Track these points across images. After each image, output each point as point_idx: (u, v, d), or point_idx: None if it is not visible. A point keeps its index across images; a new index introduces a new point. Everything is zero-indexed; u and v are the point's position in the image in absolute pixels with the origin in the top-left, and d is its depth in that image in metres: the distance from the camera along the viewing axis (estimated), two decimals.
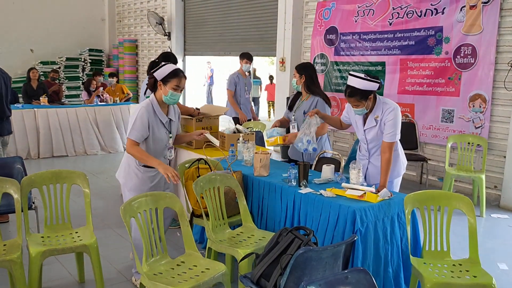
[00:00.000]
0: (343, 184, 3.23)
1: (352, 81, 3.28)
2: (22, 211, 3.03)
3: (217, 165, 3.76)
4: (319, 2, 7.47)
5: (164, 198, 2.88)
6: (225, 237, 3.17)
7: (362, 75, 3.27)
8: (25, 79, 8.86)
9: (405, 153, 3.68)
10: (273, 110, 12.81)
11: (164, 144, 3.28)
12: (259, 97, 14.03)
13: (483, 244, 4.39)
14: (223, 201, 3.34)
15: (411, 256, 2.87)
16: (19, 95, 8.83)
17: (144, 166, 3.21)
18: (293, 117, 4.24)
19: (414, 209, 2.99)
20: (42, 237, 3.12)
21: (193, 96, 12.85)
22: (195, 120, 4.60)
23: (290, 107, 4.37)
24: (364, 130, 3.46)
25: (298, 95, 4.35)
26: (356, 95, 3.27)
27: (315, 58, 7.61)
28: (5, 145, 4.95)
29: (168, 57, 4.44)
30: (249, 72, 6.76)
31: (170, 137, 3.32)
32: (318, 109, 3.68)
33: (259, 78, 14.20)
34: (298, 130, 3.88)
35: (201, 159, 3.75)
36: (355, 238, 2.38)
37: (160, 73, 3.14)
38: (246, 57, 6.46)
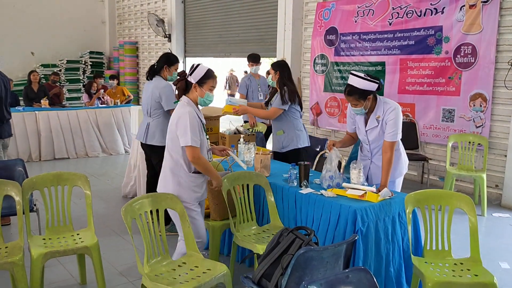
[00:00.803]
0: (344, 184, 3.23)
1: (352, 80, 3.30)
2: (23, 213, 3.03)
3: (218, 166, 3.77)
4: (319, 2, 7.48)
5: (165, 199, 2.89)
6: (251, 233, 3.25)
7: (363, 75, 3.28)
8: (26, 82, 8.87)
9: (406, 153, 3.68)
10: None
11: (206, 147, 3.14)
12: None
13: (485, 243, 4.38)
14: (251, 198, 3.39)
15: (412, 255, 2.87)
16: (20, 98, 8.83)
17: (195, 172, 3.04)
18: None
19: (415, 209, 2.99)
20: (44, 239, 3.12)
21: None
22: None
23: (267, 103, 4.62)
24: (366, 131, 3.46)
25: (275, 91, 4.51)
26: (355, 94, 3.28)
27: (315, 59, 7.61)
28: (5, 147, 4.95)
29: (169, 58, 4.43)
30: (266, 73, 6.79)
31: (208, 139, 3.23)
32: (334, 141, 3.62)
33: None
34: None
35: None
36: (356, 238, 2.38)
37: (196, 75, 3.02)
38: (251, 59, 6.42)
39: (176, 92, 3.16)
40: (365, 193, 3.05)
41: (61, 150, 7.66)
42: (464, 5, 5.67)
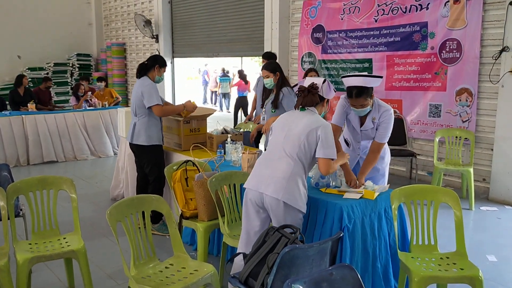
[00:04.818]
0: (342, 188, 3.19)
1: (355, 81, 3.21)
2: (8, 218, 3.00)
3: (204, 166, 3.77)
4: (305, 1, 7.49)
5: (151, 201, 2.87)
6: (240, 232, 3.19)
7: (364, 73, 3.29)
8: (12, 86, 8.78)
9: (394, 149, 3.74)
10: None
11: None
12: (229, 93, 16.15)
13: (473, 237, 4.43)
14: (239, 198, 3.38)
15: (398, 251, 2.89)
16: (6, 102, 8.74)
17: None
18: (263, 111, 4.64)
19: (401, 204, 3.01)
20: (30, 244, 3.10)
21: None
22: (182, 121, 4.59)
23: (262, 105, 4.76)
24: (361, 131, 3.48)
25: (269, 93, 4.65)
26: (363, 94, 3.19)
27: (302, 57, 7.62)
28: None
29: (156, 59, 4.44)
30: None
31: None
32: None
33: (228, 76, 16.12)
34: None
35: (188, 161, 3.75)
36: (341, 235, 2.39)
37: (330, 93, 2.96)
38: (266, 58, 6.23)
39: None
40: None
41: (49, 154, 7.60)
42: (448, 1, 5.71)
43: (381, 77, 3.33)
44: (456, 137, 5.51)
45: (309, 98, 2.88)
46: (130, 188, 5.15)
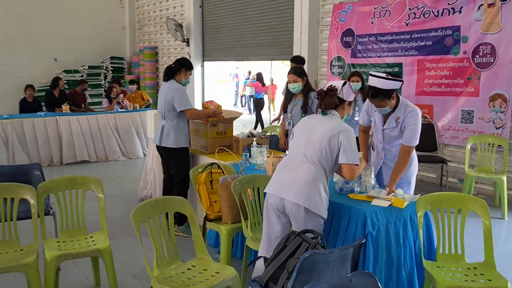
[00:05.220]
0: (370, 193, 3.15)
1: (374, 82, 3.25)
2: (38, 216, 3.10)
3: (229, 169, 3.79)
4: (335, 4, 7.44)
5: (175, 203, 2.91)
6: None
7: (384, 75, 3.26)
8: (48, 87, 9.07)
9: (424, 155, 3.66)
10: (273, 107, 14.55)
11: None
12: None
13: (504, 247, 4.28)
14: (262, 201, 3.38)
15: (424, 259, 2.83)
16: (42, 104, 9.03)
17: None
18: (289, 116, 4.57)
19: (428, 212, 2.94)
20: (58, 241, 3.19)
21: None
22: (209, 124, 4.64)
23: (285, 109, 4.69)
24: (383, 130, 3.43)
25: (291, 97, 4.64)
26: (379, 95, 3.23)
27: (332, 61, 7.57)
28: None
29: (183, 63, 4.51)
30: None
31: None
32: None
33: (254, 79, 16.09)
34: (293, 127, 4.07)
35: (213, 163, 3.78)
36: (363, 241, 2.35)
37: (351, 95, 2.93)
38: (294, 61, 6.21)
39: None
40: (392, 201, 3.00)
41: (82, 154, 7.81)
42: (482, 4, 5.55)
43: (401, 80, 3.29)
44: (489, 144, 5.35)
45: (327, 100, 2.87)
46: (158, 190, 5.23)
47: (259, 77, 13.31)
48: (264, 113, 12.56)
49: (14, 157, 7.23)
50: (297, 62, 5.83)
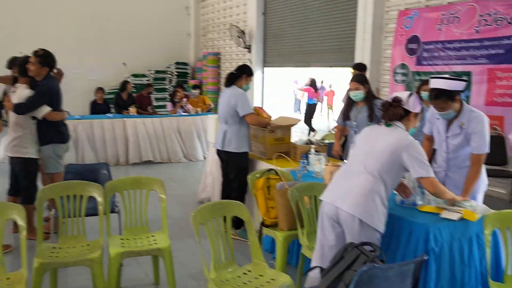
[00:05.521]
0: (439, 205, 3.00)
1: (436, 83, 3.17)
2: (104, 213, 3.27)
3: (286, 175, 3.79)
4: (400, 11, 7.25)
5: (233, 207, 2.96)
6: None
7: (445, 75, 3.17)
8: (117, 90, 9.54)
9: (493, 169, 3.48)
10: (332, 112, 15.50)
11: None
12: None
13: None
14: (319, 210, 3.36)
15: (490, 280, 2.67)
16: (111, 106, 9.50)
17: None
18: (354, 123, 4.45)
19: (496, 230, 2.79)
20: (122, 239, 3.34)
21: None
22: (268, 130, 4.67)
23: (347, 117, 4.54)
24: (447, 137, 3.30)
25: (351, 104, 4.52)
26: (442, 96, 3.13)
27: (395, 68, 7.37)
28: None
29: (244, 69, 4.60)
30: None
31: None
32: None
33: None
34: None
35: (271, 169, 3.80)
36: (425, 258, 2.27)
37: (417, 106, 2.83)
38: (355, 67, 6.10)
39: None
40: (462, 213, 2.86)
41: (146, 155, 8.14)
42: None
43: (465, 80, 3.16)
44: None
45: (391, 111, 2.80)
46: (216, 193, 5.33)
47: (312, 82, 13.22)
48: (316, 119, 12.45)
49: (83, 155, 7.66)
50: (359, 69, 5.74)
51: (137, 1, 12.71)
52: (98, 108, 9.01)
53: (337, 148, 4.70)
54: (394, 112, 2.77)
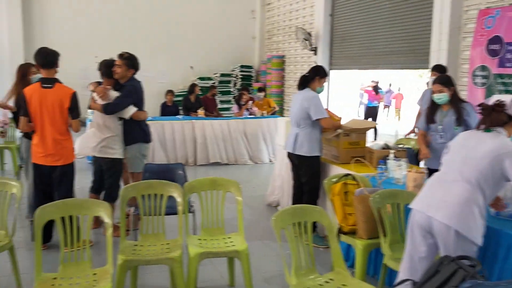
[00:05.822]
0: None
1: None
2: (183, 213, 3.30)
3: (365, 181, 3.65)
4: (481, 10, 6.83)
5: (313, 213, 2.88)
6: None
7: None
8: (186, 93, 9.76)
9: None
10: (399, 116, 15.16)
11: None
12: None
13: None
14: (402, 218, 3.23)
15: None
16: (180, 108, 9.73)
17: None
18: (440, 127, 4.15)
19: None
20: (199, 239, 3.36)
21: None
22: (342, 134, 4.55)
23: (432, 120, 4.24)
24: None
25: (434, 108, 4.23)
26: None
27: (474, 70, 6.95)
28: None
29: (318, 71, 4.51)
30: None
31: None
32: None
33: (380, 89, 15.45)
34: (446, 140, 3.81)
35: (348, 174, 3.67)
36: None
37: None
38: (434, 69, 5.91)
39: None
40: None
41: (214, 156, 8.25)
42: None
43: None
44: None
45: (493, 117, 2.59)
46: (285, 196, 5.27)
47: (375, 84, 12.84)
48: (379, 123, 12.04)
49: (154, 155, 7.88)
50: (440, 71, 5.46)
51: (204, 6, 12.99)
52: (168, 110, 9.26)
53: (426, 151, 4.36)
54: (496, 118, 2.57)
